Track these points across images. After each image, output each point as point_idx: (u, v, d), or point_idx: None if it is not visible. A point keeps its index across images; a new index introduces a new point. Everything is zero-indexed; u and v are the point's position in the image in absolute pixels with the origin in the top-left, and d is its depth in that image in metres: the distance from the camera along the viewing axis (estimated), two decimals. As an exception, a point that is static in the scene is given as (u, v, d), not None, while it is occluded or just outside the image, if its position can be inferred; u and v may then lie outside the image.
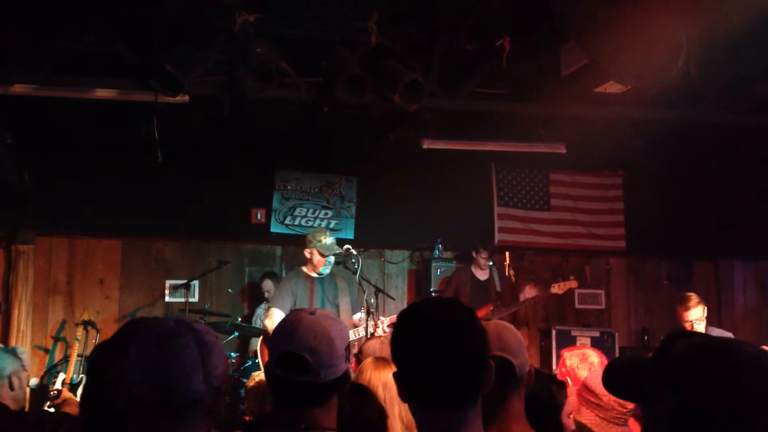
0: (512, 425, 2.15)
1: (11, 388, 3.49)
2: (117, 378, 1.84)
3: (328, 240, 6.22)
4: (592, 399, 3.09)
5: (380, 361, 3.34)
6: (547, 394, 2.69)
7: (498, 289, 8.36)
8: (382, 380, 3.15)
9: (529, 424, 2.23)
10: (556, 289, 8.07)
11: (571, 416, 2.93)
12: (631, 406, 3.18)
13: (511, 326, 2.33)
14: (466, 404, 1.74)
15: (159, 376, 1.77)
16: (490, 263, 8.43)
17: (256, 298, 8.61)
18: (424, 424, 1.76)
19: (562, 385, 2.94)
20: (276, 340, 2.15)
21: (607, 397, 3.13)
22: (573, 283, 8.19)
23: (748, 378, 1.26)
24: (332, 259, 6.27)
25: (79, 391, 6.67)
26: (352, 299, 6.41)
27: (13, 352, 3.72)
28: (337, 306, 6.20)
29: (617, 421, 3.17)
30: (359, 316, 6.37)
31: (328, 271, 6.29)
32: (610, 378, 1.52)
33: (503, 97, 6.42)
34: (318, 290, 6.22)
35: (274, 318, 6.05)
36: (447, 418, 1.73)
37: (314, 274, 6.29)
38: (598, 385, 3.16)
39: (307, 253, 6.29)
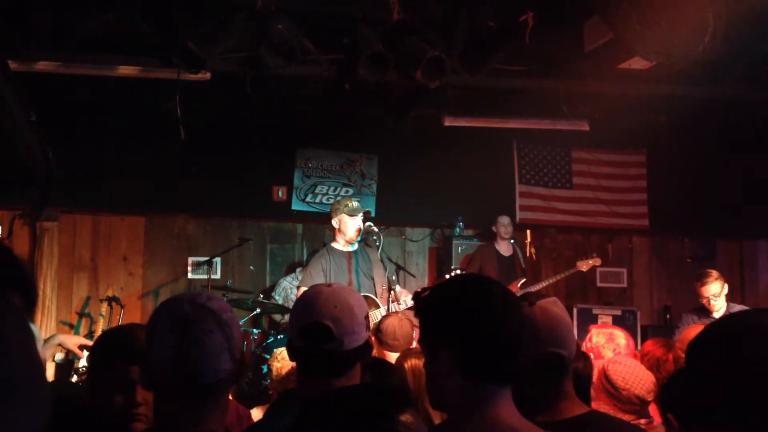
0: (566, 404, 2.18)
1: None
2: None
3: (354, 203, 6.18)
4: (612, 391, 3.11)
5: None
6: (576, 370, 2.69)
7: (523, 266, 8.33)
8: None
9: None
10: (582, 266, 8.04)
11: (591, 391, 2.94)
12: (649, 398, 3.18)
13: (557, 312, 2.22)
14: (508, 380, 1.79)
15: (184, 363, 1.77)
16: (512, 240, 8.41)
17: (277, 275, 8.68)
18: (465, 397, 1.78)
19: (587, 357, 2.95)
20: (297, 313, 2.21)
21: (627, 392, 3.12)
22: (597, 261, 8.20)
23: None
24: (362, 225, 6.16)
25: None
26: (384, 271, 6.33)
27: None
28: (372, 279, 6.16)
29: (634, 413, 3.18)
30: (399, 288, 6.30)
31: (358, 238, 6.19)
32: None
33: (526, 74, 6.36)
34: (353, 263, 6.15)
35: None
36: (490, 391, 1.76)
37: (346, 248, 6.20)
38: (620, 379, 3.14)
39: (335, 222, 6.18)
